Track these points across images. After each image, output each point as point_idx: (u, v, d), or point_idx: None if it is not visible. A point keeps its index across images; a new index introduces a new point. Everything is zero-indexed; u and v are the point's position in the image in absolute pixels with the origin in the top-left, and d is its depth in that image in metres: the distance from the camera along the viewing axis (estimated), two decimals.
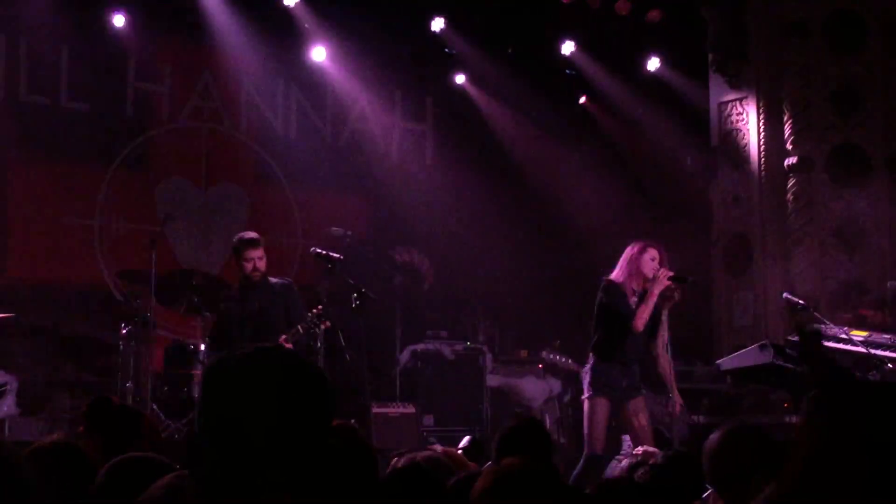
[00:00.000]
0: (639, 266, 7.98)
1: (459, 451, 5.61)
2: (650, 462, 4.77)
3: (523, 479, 2.95)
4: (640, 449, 5.76)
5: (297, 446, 2.02)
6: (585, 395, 8.01)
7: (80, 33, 11.43)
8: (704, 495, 5.33)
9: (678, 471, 4.53)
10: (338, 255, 8.15)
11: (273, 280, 8.57)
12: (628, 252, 8.09)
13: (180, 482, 2.46)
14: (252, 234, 8.60)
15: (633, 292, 8.00)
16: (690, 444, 8.15)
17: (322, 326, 8.53)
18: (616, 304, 7.95)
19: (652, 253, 8.00)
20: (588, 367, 8.04)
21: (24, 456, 1.86)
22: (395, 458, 4.63)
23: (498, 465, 3.07)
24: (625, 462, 5.23)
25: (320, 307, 8.41)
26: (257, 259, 8.37)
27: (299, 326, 8.29)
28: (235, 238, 8.69)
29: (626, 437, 8.49)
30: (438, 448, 5.41)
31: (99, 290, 11.41)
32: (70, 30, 11.36)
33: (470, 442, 6.04)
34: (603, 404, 7.87)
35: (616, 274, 8.07)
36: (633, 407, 7.93)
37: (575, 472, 7.62)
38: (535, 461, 3.21)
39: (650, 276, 7.95)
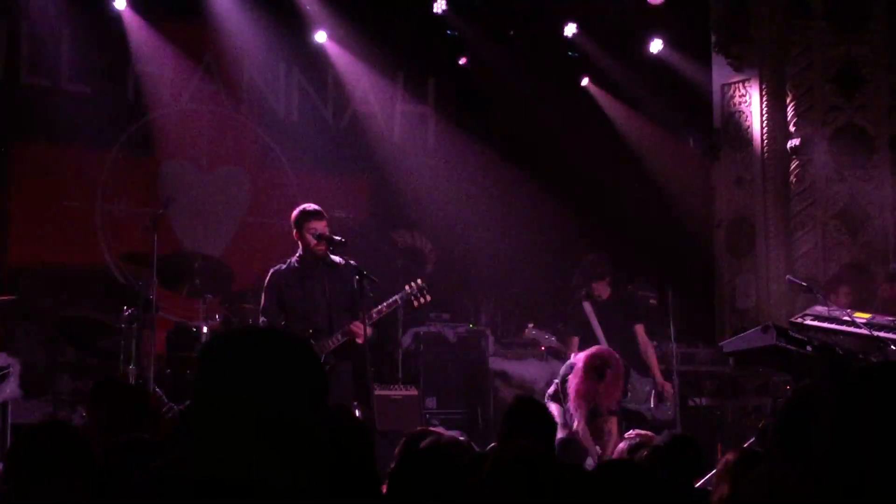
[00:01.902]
0: (597, 393, 8.03)
1: None
2: (651, 444, 4.78)
3: (527, 463, 2.95)
4: (632, 433, 5.77)
5: (291, 424, 2.02)
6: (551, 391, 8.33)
7: (80, 15, 11.40)
8: (706, 477, 5.33)
9: (678, 453, 4.53)
10: (339, 238, 8.07)
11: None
12: (581, 374, 8.06)
13: (173, 463, 2.46)
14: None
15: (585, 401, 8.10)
16: (678, 427, 8.21)
17: (422, 300, 8.24)
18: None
19: (601, 387, 8.05)
20: (565, 368, 8.32)
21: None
22: (404, 439, 4.64)
23: (501, 450, 3.07)
24: (623, 444, 5.23)
25: (421, 281, 8.21)
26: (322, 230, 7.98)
27: (397, 297, 8.06)
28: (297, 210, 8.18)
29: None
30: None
31: (101, 273, 11.41)
32: (71, 12, 11.34)
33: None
34: None
35: (572, 381, 8.12)
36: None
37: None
38: (538, 445, 3.21)
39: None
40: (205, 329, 9.58)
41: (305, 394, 2.08)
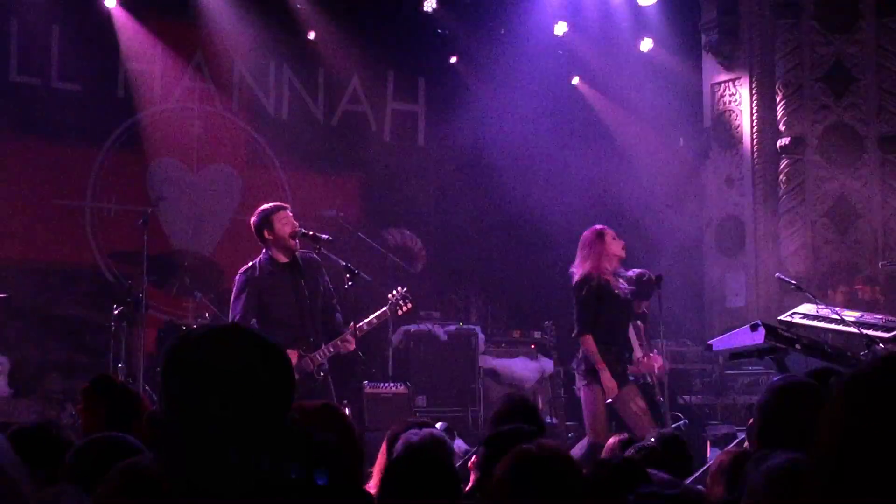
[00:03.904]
0: (606, 249, 8.10)
1: None
2: (641, 444, 4.78)
3: (545, 464, 2.94)
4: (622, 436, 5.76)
5: (259, 424, 2.01)
6: (581, 384, 8.03)
7: (70, 13, 11.37)
8: (695, 475, 5.34)
9: (667, 452, 4.54)
10: (325, 236, 7.89)
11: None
12: (590, 239, 8.17)
13: (141, 464, 2.46)
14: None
15: (608, 272, 8.09)
16: (668, 425, 8.20)
17: (405, 308, 8.01)
18: (597, 298, 8.01)
19: (611, 233, 8.15)
20: (582, 356, 8.08)
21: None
22: (387, 438, 4.64)
23: (520, 449, 3.07)
24: (613, 440, 5.22)
25: (403, 289, 7.98)
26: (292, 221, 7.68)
27: (386, 308, 7.80)
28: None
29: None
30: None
31: (90, 272, 11.39)
32: (61, 10, 11.31)
33: (444, 429, 6.03)
34: (601, 391, 7.89)
35: (587, 266, 8.13)
36: (629, 391, 7.93)
37: (578, 459, 7.59)
38: (554, 446, 3.21)
39: (620, 253, 8.14)
40: (194, 327, 9.56)
41: (274, 393, 2.06)
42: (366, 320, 7.65)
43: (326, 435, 2.27)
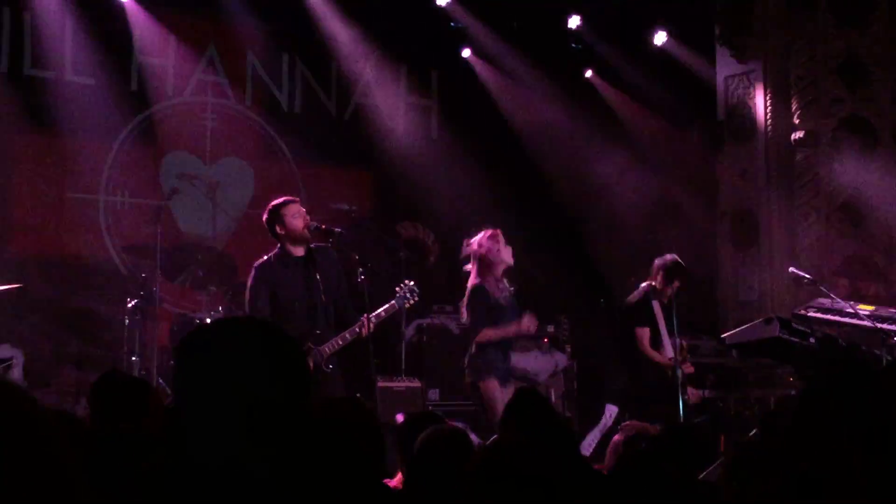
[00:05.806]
0: (499, 256, 8.39)
1: None
2: (649, 436, 4.78)
3: (517, 456, 2.93)
4: (628, 423, 5.77)
5: (275, 416, 2.01)
6: (478, 379, 8.23)
7: (84, 6, 11.39)
8: (709, 469, 5.33)
9: (679, 445, 4.53)
10: (339, 230, 7.90)
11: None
12: (480, 246, 8.43)
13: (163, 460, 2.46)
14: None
15: (497, 281, 8.36)
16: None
17: (412, 301, 8.12)
18: (483, 308, 8.28)
19: (500, 237, 8.45)
20: (471, 353, 8.33)
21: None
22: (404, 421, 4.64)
23: (493, 442, 3.06)
24: (618, 436, 5.21)
25: (411, 282, 8.07)
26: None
27: (394, 302, 7.87)
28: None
29: (609, 407, 8.56)
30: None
31: (104, 265, 11.41)
32: (74, 3, 11.33)
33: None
34: (494, 385, 8.13)
35: (477, 275, 8.34)
36: (508, 390, 8.06)
37: None
38: (532, 438, 3.20)
39: (509, 261, 8.44)
40: (208, 321, 9.59)
41: (288, 385, 2.06)
42: (374, 314, 7.65)
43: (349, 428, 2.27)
